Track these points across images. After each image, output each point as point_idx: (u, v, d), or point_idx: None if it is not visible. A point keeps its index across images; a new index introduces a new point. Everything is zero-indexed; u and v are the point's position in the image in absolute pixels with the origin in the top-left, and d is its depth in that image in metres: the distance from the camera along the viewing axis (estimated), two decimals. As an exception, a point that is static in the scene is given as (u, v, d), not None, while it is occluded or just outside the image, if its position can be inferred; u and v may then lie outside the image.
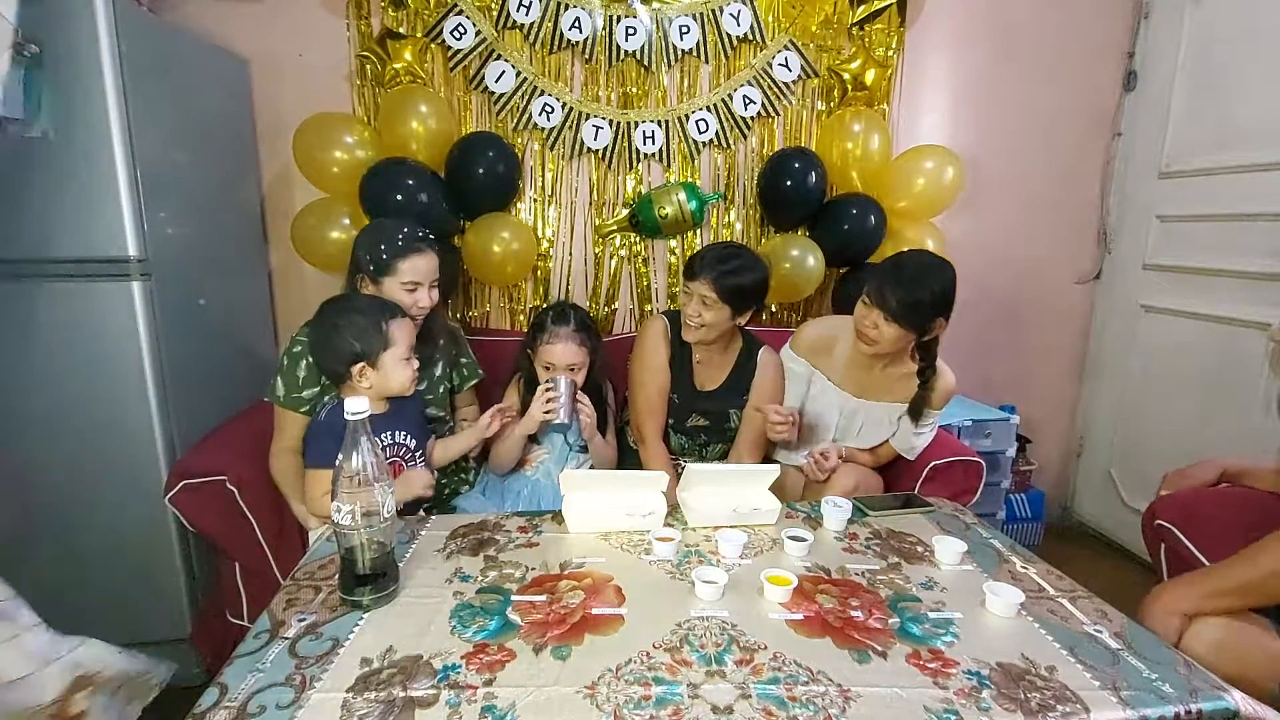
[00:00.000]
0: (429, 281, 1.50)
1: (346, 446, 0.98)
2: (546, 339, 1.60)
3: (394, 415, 1.41)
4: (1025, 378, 2.62)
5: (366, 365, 1.33)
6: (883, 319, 1.49)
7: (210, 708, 0.81)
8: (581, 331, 1.62)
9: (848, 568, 1.17)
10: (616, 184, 2.26)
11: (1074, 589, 1.12)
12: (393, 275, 1.45)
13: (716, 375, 1.73)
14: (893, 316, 1.48)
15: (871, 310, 1.51)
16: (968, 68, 2.36)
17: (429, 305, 1.51)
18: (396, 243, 1.46)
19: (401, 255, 1.45)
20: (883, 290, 1.48)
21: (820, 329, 1.75)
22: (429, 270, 1.49)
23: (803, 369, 1.73)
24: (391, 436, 1.40)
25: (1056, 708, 0.83)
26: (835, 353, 1.69)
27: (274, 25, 2.06)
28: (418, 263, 1.46)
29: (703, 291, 1.57)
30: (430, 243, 1.51)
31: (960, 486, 1.69)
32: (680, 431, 1.76)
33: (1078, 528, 2.69)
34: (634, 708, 0.82)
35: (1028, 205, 2.48)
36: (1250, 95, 2.04)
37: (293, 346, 1.48)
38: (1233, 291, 2.09)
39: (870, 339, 1.54)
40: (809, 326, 1.78)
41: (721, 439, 1.76)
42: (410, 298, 1.47)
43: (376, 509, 0.99)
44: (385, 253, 1.45)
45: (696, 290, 1.58)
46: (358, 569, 1.01)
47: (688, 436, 1.76)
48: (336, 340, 1.32)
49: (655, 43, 2.15)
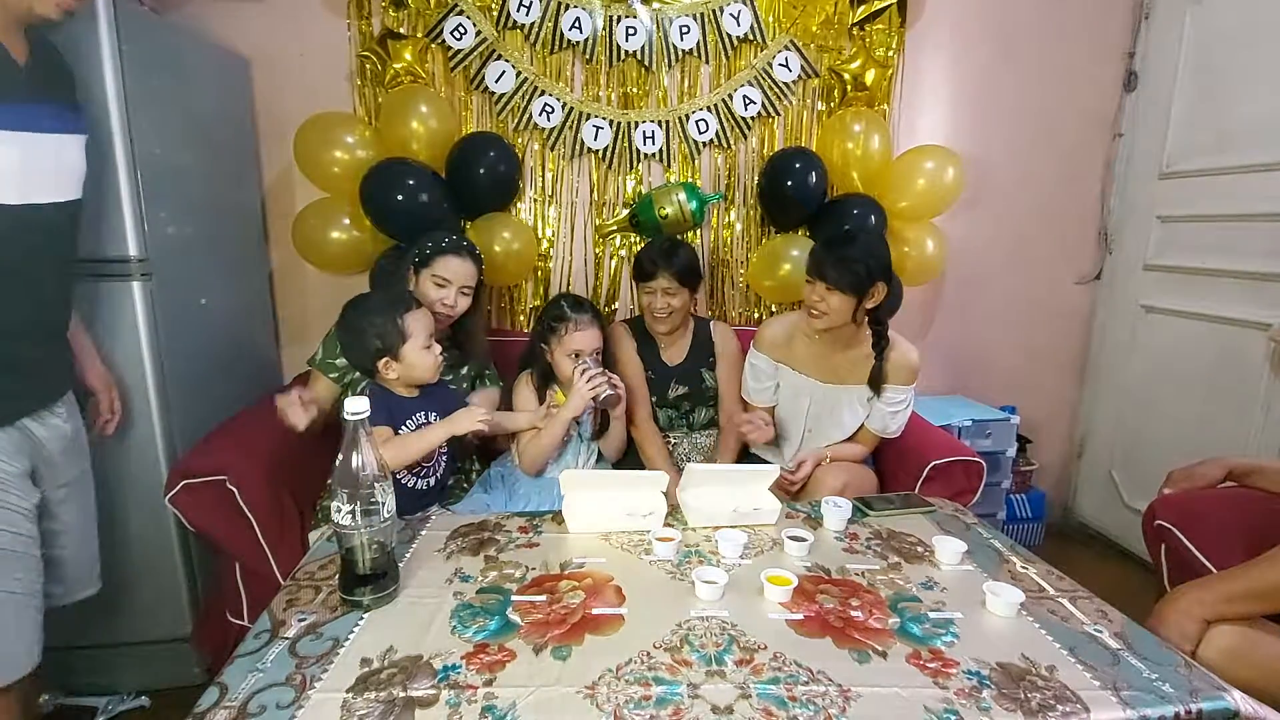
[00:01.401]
0: (459, 284, 1.60)
1: (346, 446, 0.98)
2: (571, 327, 1.64)
3: (425, 399, 1.49)
4: (1025, 378, 2.62)
5: (390, 359, 1.42)
6: (825, 289, 1.61)
7: (210, 708, 0.81)
8: (597, 318, 1.70)
9: (848, 568, 1.17)
10: (617, 184, 2.26)
11: (1074, 589, 1.12)
12: (429, 268, 1.59)
13: (681, 351, 1.95)
14: (833, 284, 1.59)
15: (815, 285, 1.63)
16: (968, 68, 2.36)
17: (455, 306, 1.60)
18: (442, 241, 1.61)
19: (442, 252, 1.60)
20: (820, 263, 1.61)
21: (780, 325, 1.83)
22: (461, 272, 1.60)
23: (767, 364, 1.81)
24: (424, 417, 1.48)
25: (1056, 708, 0.83)
26: (797, 345, 1.79)
27: (275, 25, 2.06)
28: (452, 262, 1.59)
29: (664, 284, 1.80)
30: (471, 252, 1.64)
31: (960, 486, 1.69)
32: (665, 405, 1.91)
33: (1078, 528, 2.69)
34: (634, 708, 0.82)
35: (1028, 205, 2.48)
36: (1251, 95, 2.04)
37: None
38: (1233, 292, 2.09)
39: (819, 312, 1.64)
40: (768, 325, 1.86)
41: (701, 401, 1.94)
42: (437, 293, 1.58)
43: (377, 509, 0.99)
44: (430, 249, 1.60)
45: (659, 285, 1.81)
46: (358, 569, 1.01)
47: (673, 408, 1.93)
48: (360, 340, 1.42)
49: (655, 43, 2.15)
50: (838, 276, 1.58)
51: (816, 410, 1.78)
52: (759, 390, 1.82)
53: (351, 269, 2.07)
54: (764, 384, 1.82)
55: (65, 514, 1.22)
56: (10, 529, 1.05)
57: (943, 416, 2.24)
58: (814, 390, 1.77)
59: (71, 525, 1.24)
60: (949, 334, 2.56)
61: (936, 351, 2.56)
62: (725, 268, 2.34)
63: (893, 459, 1.84)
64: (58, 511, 1.21)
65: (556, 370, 1.67)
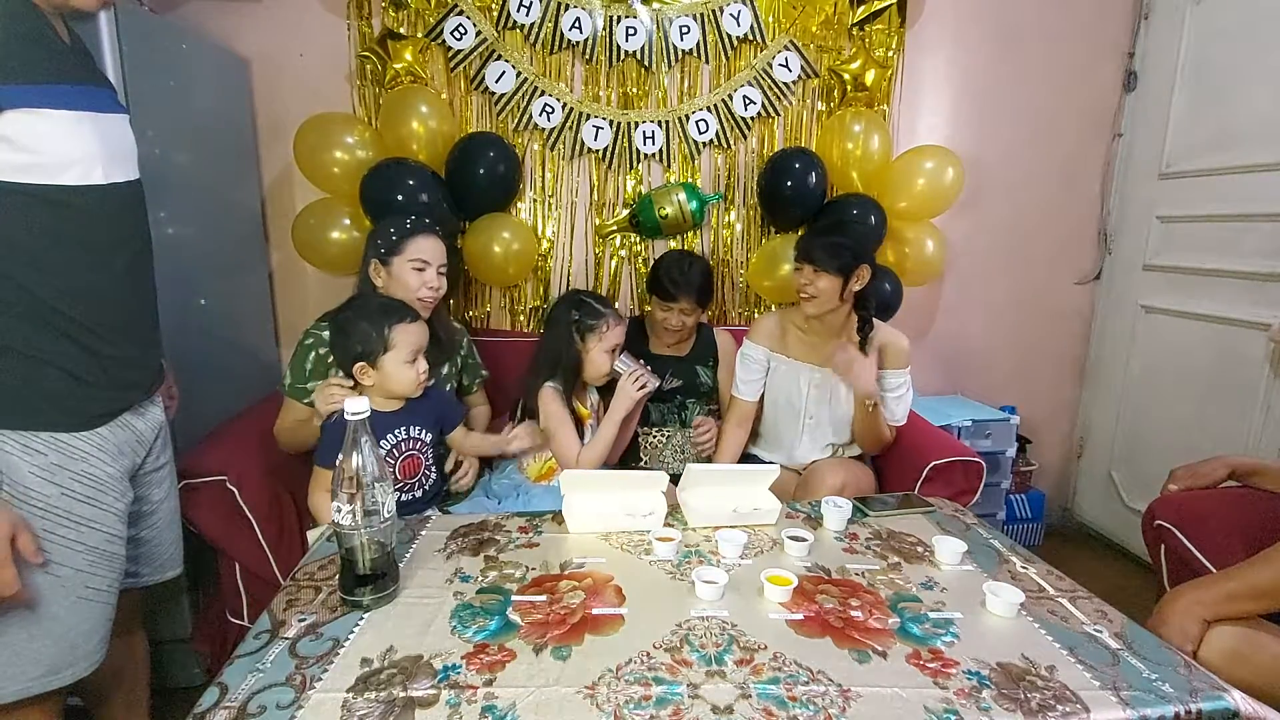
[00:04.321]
0: (437, 263, 1.55)
1: (346, 446, 0.98)
2: (611, 323, 1.67)
3: (409, 411, 1.46)
4: (1025, 378, 2.62)
5: (367, 365, 1.38)
6: (813, 272, 1.68)
7: (210, 708, 0.81)
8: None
9: (848, 568, 1.17)
10: (616, 184, 2.26)
11: (1074, 589, 1.12)
12: (401, 255, 1.52)
13: (681, 350, 1.98)
14: (820, 266, 1.66)
15: (803, 268, 1.70)
16: (968, 68, 2.36)
17: (438, 287, 1.56)
18: (405, 225, 1.55)
19: (409, 236, 1.53)
20: (808, 247, 1.69)
21: (772, 319, 1.89)
22: (436, 251, 1.55)
23: (761, 354, 1.86)
24: (406, 431, 1.45)
25: (1056, 708, 0.83)
26: (790, 336, 1.85)
27: (275, 25, 2.07)
28: (423, 243, 1.54)
29: (683, 306, 1.83)
30: (436, 230, 1.58)
31: (960, 487, 1.69)
32: (657, 398, 1.86)
33: (1078, 528, 2.69)
34: (634, 708, 0.82)
35: (1028, 205, 2.48)
36: (1250, 95, 2.04)
37: (304, 339, 1.53)
38: (1233, 292, 2.09)
39: (809, 295, 1.70)
40: (762, 319, 1.92)
41: (694, 394, 1.94)
42: (419, 278, 1.52)
43: (377, 509, 0.99)
44: (394, 234, 1.54)
45: (678, 307, 1.83)
46: (358, 569, 1.01)
47: (665, 401, 1.91)
48: (342, 340, 1.40)
49: (655, 43, 2.15)
50: (824, 258, 1.66)
51: (815, 395, 1.81)
52: (748, 384, 1.85)
53: (351, 269, 2.06)
54: (754, 377, 1.84)
55: (155, 496, 1.23)
56: (105, 529, 1.06)
57: (942, 416, 2.25)
58: (811, 375, 1.81)
59: (160, 508, 1.25)
60: (949, 334, 2.56)
61: (936, 351, 2.56)
62: (725, 268, 2.33)
63: (893, 459, 1.85)
64: (148, 494, 1.22)
65: (590, 369, 1.68)
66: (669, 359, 1.93)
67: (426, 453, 1.50)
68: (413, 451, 1.47)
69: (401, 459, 1.45)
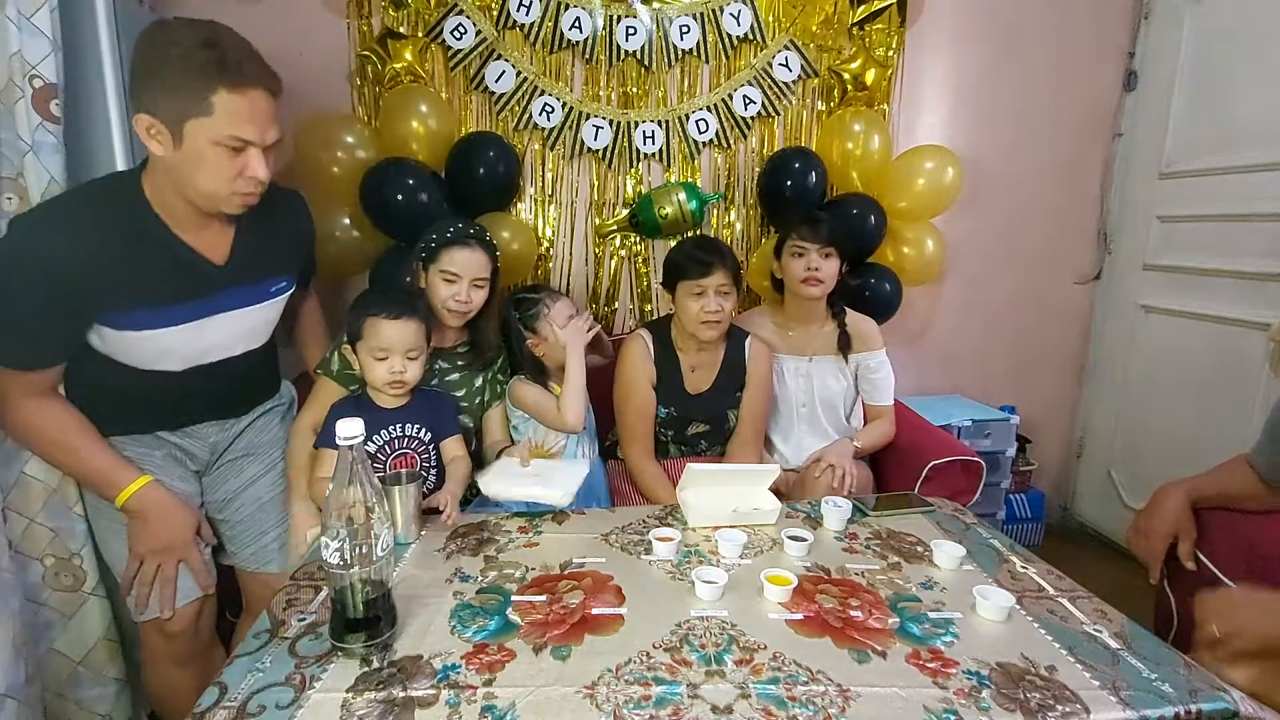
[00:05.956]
0: (470, 278, 1.48)
1: (339, 474, 0.89)
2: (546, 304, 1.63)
3: (411, 408, 1.41)
4: (1025, 378, 2.62)
5: (352, 348, 1.39)
6: (820, 255, 1.70)
7: (210, 707, 0.81)
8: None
9: (848, 568, 1.17)
10: (616, 184, 2.26)
11: (1074, 589, 1.12)
12: (435, 263, 1.48)
13: (708, 376, 1.73)
14: (828, 243, 1.69)
15: (808, 252, 1.71)
16: (968, 68, 2.36)
17: (469, 302, 1.49)
18: (446, 233, 1.49)
19: (445, 246, 1.48)
20: (815, 227, 1.70)
21: (753, 319, 1.90)
22: (470, 265, 1.48)
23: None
24: (401, 429, 1.40)
25: (1056, 708, 0.83)
26: (768, 332, 1.85)
27: (274, 25, 2.06)
28: (457, 255, 1.47)
29: (719, 282, 1.59)
30: (481, 240, 1.51)
31: (960, 486, 1.69)
32: (681, 442, 1.78)
33: (1078, 528, 2.69)
34: (634, 708, 0.82)
35: (1028, 205, 2.48)
36: (1250, 95, 2.04)
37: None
38: (1233, 292, 2.09)
39: (817, 279, 1.71)
40: (744, 320, 1.90)
41: (720, 440, 1.79)
42: (448, 290, 1.47)
43: (371, 544, 0.89)
44: (434, 242, 1.49)
45: (713, 283, 1.59)
46: (349, 613, 0.90)
47: (688, 445, 1.79)
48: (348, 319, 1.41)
49: (655, 43, 2.15)
50: (833, 238, 1.69)
51: (806, 385, 1.83)
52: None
53: (351, 269, 2.07)
54: None
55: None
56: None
57: (942, 416, 2.25)
58: (798, 365, 1.84)
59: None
60: (949, 334, 2.56)
61: (936, 351, 2.56)
62: (725, 268, 2.33)
63: (893, 459, 1.85)
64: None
65: (549, 358, 1.63)
66: (696, 400, 1.72)
67: (424, 452, 1.45)
68: (406, 450, 1.42)
69: (394, 456, 1.40)
